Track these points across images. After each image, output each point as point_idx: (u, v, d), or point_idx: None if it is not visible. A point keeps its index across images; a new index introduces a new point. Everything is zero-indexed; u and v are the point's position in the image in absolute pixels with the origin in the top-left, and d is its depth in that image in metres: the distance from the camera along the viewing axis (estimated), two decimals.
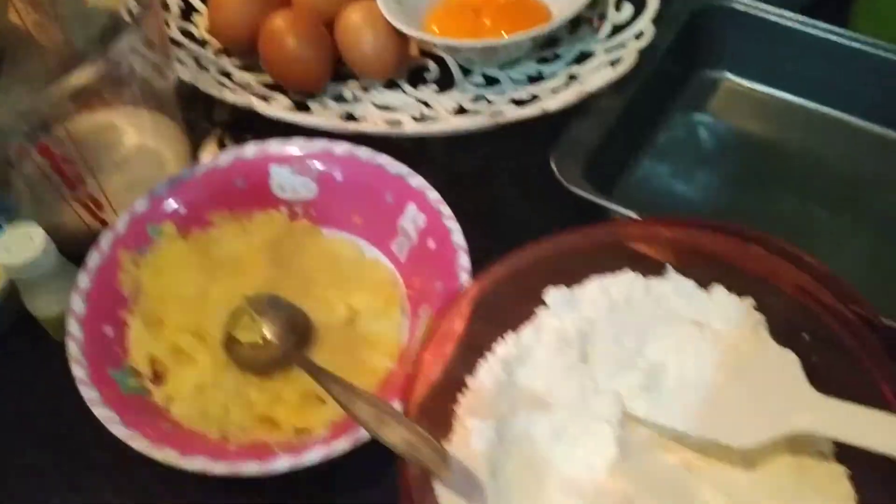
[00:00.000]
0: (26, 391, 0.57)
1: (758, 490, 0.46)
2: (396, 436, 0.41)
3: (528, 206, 0.63)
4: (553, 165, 0.57)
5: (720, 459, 0.48)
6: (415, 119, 0.63)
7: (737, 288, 0.50)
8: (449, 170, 0.65)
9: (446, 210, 0.55)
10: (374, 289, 0.56)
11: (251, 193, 0.59)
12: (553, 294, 0.51)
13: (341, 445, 0.46)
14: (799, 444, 0.47)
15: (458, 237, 0.53)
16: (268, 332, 0.53)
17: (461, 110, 0.65)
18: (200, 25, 0.73)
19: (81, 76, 0.49)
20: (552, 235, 0.49)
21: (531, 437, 0.48)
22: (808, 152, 0.66)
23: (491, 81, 0.67)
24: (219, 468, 0.46)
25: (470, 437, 0.46)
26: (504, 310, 0.51)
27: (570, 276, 0.51)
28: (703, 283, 0.50)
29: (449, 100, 0.65)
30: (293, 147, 0.59)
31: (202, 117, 0.71)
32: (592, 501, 0.44)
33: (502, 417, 0.47)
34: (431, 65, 0.69)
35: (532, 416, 0.48)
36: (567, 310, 0.51)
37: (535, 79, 0.66)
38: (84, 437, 0.51)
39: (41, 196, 0.55)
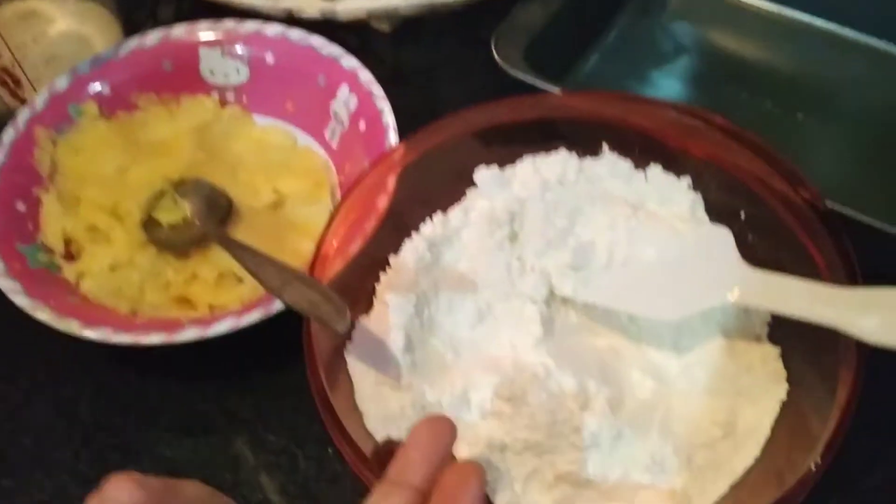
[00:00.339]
0: None
1: (690, 374, 0.44)
2: (298, 295, 0.39)
3: (471, 103, 0.61)
4: (493, 47, 0.54)
5: (650, 345, 0.46)
6: None
7: (674, 167, 0.48)
8: (392, 66, 0.63)
9: (378, 91, 0.52)
10: (304, 175, 0.54)
11: (179, 77, 0.56)
12: (483, 173, 0.48)
13: (250, 318, 0.44)
14: (732, 329, 0.45)
15: (388, 117, 0.51)
16: (189, 212, 0.51)
17: None
18: None
19: None
20: (481, 104, 0.47)
21: (454, 317, 0.46)
22: (768, 55, 0.63)
23: None
24: (121, 338, 0.44)
25: (387, 311, 0.44)
26: (432, 189, 0.49)
27: (502, 155, 0.49)
28: (640, 163, 0.48)
29: None
30: (223, 28, 0.56)
31: (148, 16, 0.69)
32: (511, 376, 0.42)
33: (423, 294, 0.45)
34: None
35: (456, 296, 0.46)
36: (497, 190, 0.48)
37: None
38: None
39: None
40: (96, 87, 0.55)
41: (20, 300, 0.45)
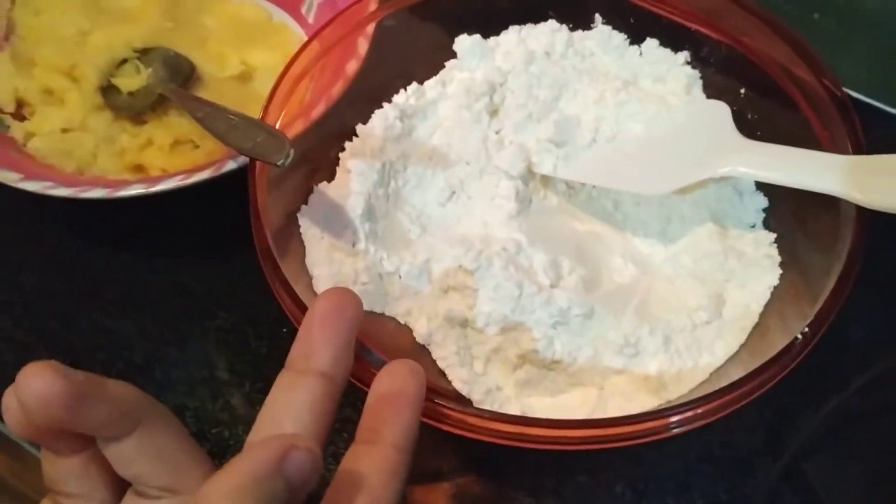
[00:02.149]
0: None
1: (676, 261, 0.40)
2: (243, 136, 0.36)
3: None
4: None
5: (636, 233, 0.42)
6: None
7: (672, 42, 0.44)
8: None
9: None
10: (275, 48, 0.50)
11: None
12: (464, 42, 0.45)
13: (199, 176, 0.40)
14: (725, 216, 0.41)
15: None
16: (151, 77, 0.47)
17: None
18: None
19: None
20: None
21: (423, 193, 0.42)
22: None
23: None
24: (61, 192, 0.41)
25: (349, 178, 0.41)
26: (409, 59, 0.45)
27: (486, 24, 0.45)
28: (635, 38, 0.44)
29: None
30: None
31: None
32: (478, 249, 0.39)
33: (390, 164, 0.42)
34: None
35: (426, 171, 0.42)
36: (478, 60, 0.45)
37: None
38: None
39: None
40: None
41: None
